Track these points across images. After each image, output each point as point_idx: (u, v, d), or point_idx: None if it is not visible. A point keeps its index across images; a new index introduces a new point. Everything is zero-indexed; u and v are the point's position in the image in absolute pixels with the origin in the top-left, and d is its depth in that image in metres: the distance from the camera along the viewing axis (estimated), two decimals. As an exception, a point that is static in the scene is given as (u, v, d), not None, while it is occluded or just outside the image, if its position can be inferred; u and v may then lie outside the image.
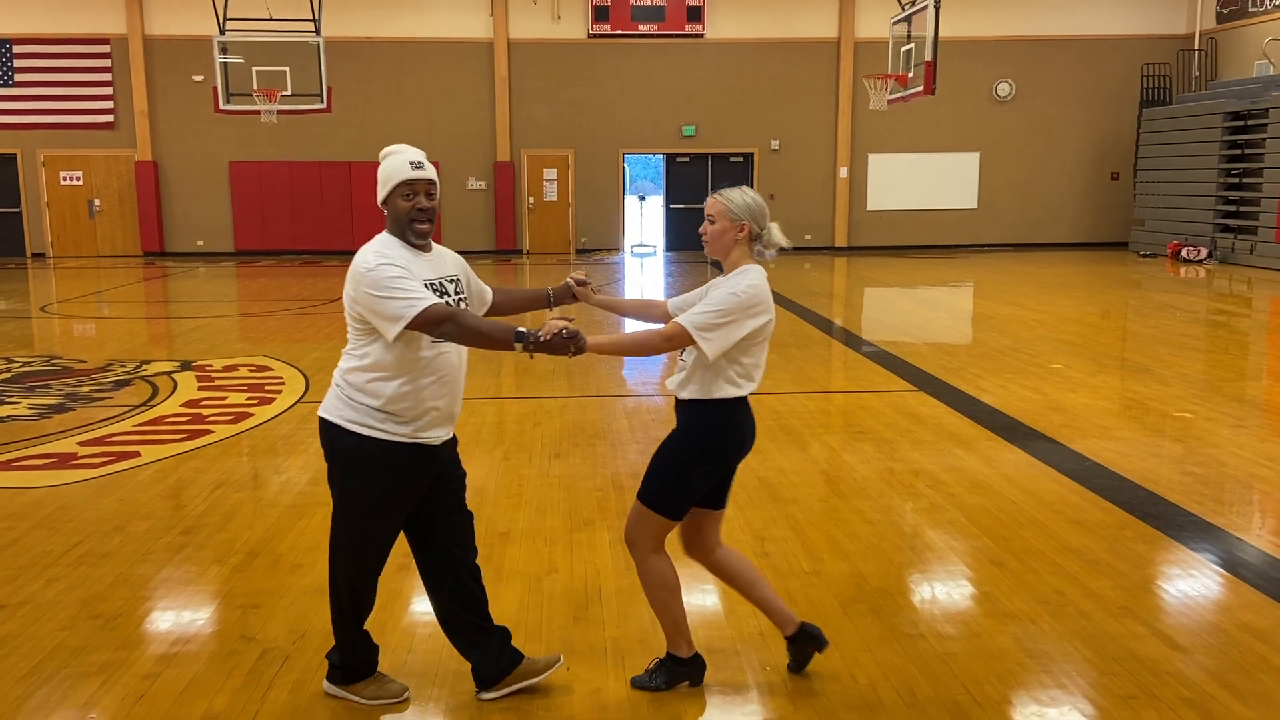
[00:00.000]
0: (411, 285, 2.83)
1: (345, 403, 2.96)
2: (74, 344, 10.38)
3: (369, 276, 2.83)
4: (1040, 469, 5.58)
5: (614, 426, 6.60)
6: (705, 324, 2.94)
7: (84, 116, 20.66)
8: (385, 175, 2.98)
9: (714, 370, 3.00)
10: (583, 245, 21.80)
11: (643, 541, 3.12)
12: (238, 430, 6.60)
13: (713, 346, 2.94)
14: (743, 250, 3.09)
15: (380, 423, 2.93)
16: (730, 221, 3.06)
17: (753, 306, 2.97)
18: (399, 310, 2.79)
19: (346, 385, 2.97)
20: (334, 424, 2.97)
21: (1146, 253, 19.75)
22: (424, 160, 3.01)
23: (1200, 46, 21.06)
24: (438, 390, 2.97)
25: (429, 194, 2.97)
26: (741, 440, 3.11)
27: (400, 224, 2.96)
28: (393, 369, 2.90)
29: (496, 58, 20.90)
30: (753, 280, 3.01)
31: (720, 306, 2.95)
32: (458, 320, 2.83)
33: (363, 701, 3.11)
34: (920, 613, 3.78)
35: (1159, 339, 9.90)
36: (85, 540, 4.55)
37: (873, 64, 19.77)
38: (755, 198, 3.10)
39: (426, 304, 2.81)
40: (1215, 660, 3.37)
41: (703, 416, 3.04)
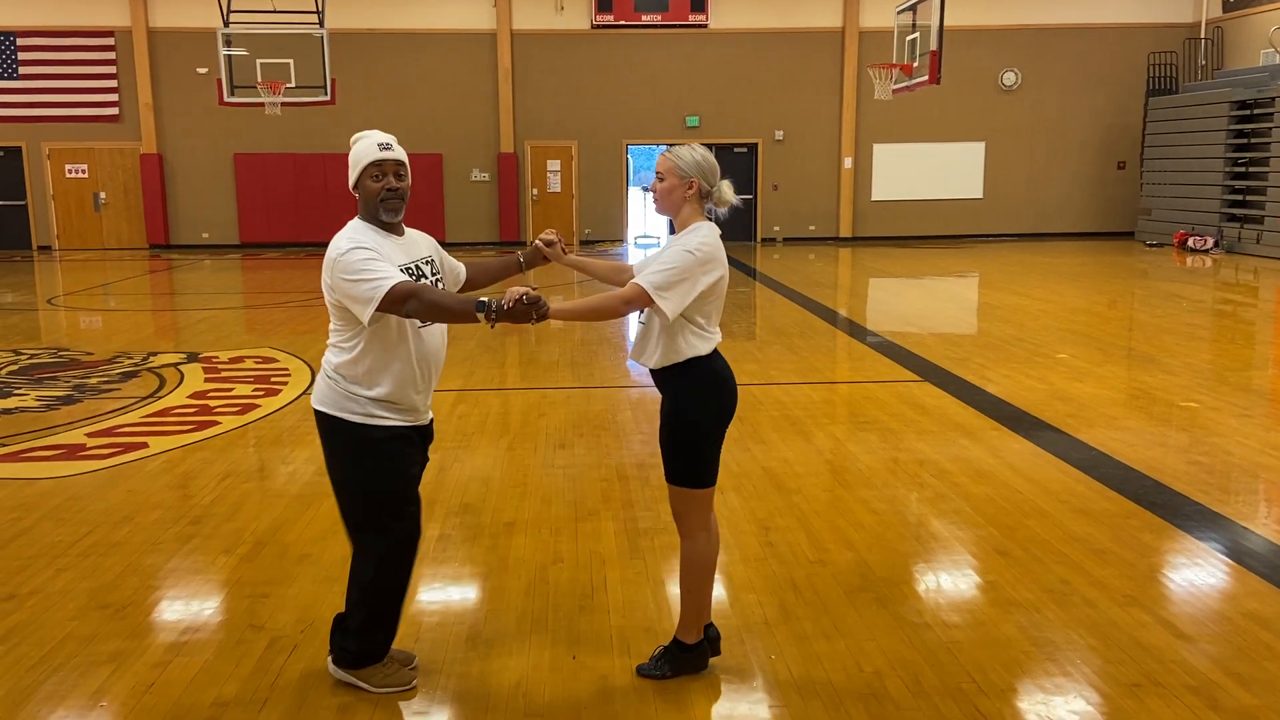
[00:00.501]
0: (380, 266, 2.85)
1: (343, 395, 2.98)
2: (81, 336, 10.41)
3: (341, 261, 2.87)
4: (1046, 459, 5.59)
5: (618, 417, 6.61)
6: (662, 283, 2.94)
7: (89, 109, 20.68)
8: (354, 159, 3.00)
9: (672, 332, 3.01)
10: (586, 236, 21.79)
11: (689, 516, 3.13)
12: (244, 421, 6.62)
13: (670, 305, 2.94)
14: (693, 208, 3.10)
15: (379, 410, 2.97)
16: (679, 179, 3.07)
17: (707, 263, 2.98)
18: (368, 292, 2.81)
19: (340, 379, 2.98)
20: (333, 417, 3.00)
21: (1153, 242, 19.69)
22: (393, 142, 3.03)
23: (1207, 35, 20.96)
24: (425, 372, 3.04)
25: (398, 174, 2.99)
26: (731, 387, 3.13)
27: (371, 206, 2.99)
28: (382, 357, 2.94)
29: (500, 49, 20.87)
30: (704, 237, 3.02)
31: (675, 264, 2.95)
32: (420, 296, 2.84)
33: (370, 688, 3.13)
34: (925, 601, 3.79)
35: (1165, 328, 9.89)
36: (94, 531, 4.58)
37: (877, 53, 19.72)
38: (705, 155, 3.11)
39: (391, 283, 2.81)
40: (1220, 648, 3.38)
41: (688, 380, 3.06)
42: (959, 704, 3.05)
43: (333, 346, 3.02)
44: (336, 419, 2.99)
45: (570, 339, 9.37)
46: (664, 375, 3.09)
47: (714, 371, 3.08)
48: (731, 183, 3.17)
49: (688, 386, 3.06)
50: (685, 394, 3.07)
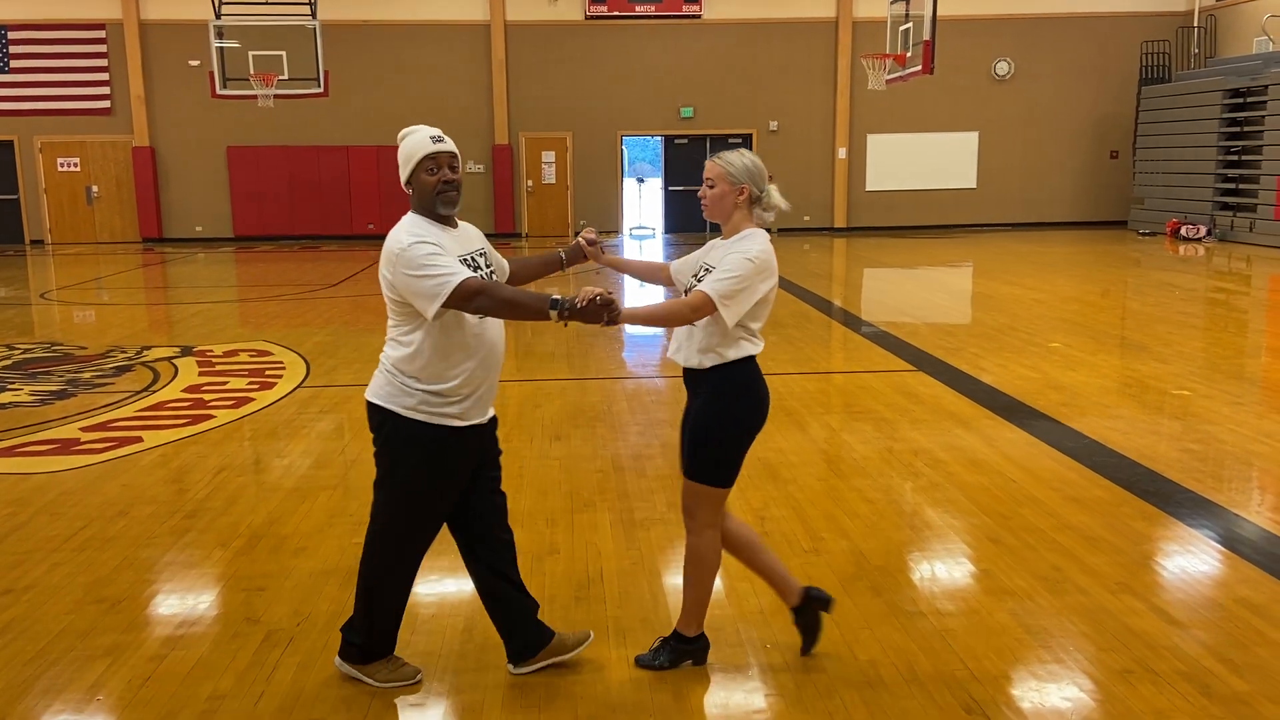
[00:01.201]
0: (445, 261, 2.82)
1: (400, 389, 2.94)
2: (74, 330, 10.39)
3: (404, 255, 2.83)
4: (1039, 447, 5.61)
5: (614, 408, 6.62)
6: (726, 291, 2.93)
7: (81, 102, 20.60)
8: (406, 154, 2.97)
9: (722, 335, 3.00)
10: (581, 228, 21.75)
11: (702, 514, 3.11)
12: (239, 415, 6.62)
13: (731, 314, 2.94)
14: (743, 213, 3.09)
15: (435, 407, 2.93)
16: (730, 185, 3.05)
17: (764, 270, 2.99)
18: (434, 288, 2.78)
19: (398, 372, 2.95)
20: (388, 410, 2.96)
21: (1146, 231, 19.72)
22: (443, 135, 3.01)
23: (1200, 23, 20.97)
24: (484, 368, 2.99)
25: (452, 166, 2.96)
26: (766, 396, 3.12)
27: (427, 200, 2.95)
28: (441, 352, 2.91)
29: (494, 40, 20.82)
30: (762, 245, 3.02)
31: (739, 273, 2.94)
32: (491, 293, 2.82)
33: (375, 684, 3.12)
34: (920, 590, 3.81)
35: (1158, 317, 9.91)
36: (89, 525, 4.58)
37: (871, 44, 19.69)
38: (754, 160, 3.09)
39: (460, 279, 2.79)
40: (1212, 635, 3.40)
41: (732, 379, 3.03)
42: (953, 691, 3.07)
43: (391, 341, 2.99)
44: (389, 412, 2.96)
45: (566, 331, 9.37)
46: (706, 375, 3.06)
47: (754, 376, 3.08)
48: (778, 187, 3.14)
49: (729, 388, 3.05)
50: (725, 395, 3.05)
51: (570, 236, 21.45)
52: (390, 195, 21.19)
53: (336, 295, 12.66)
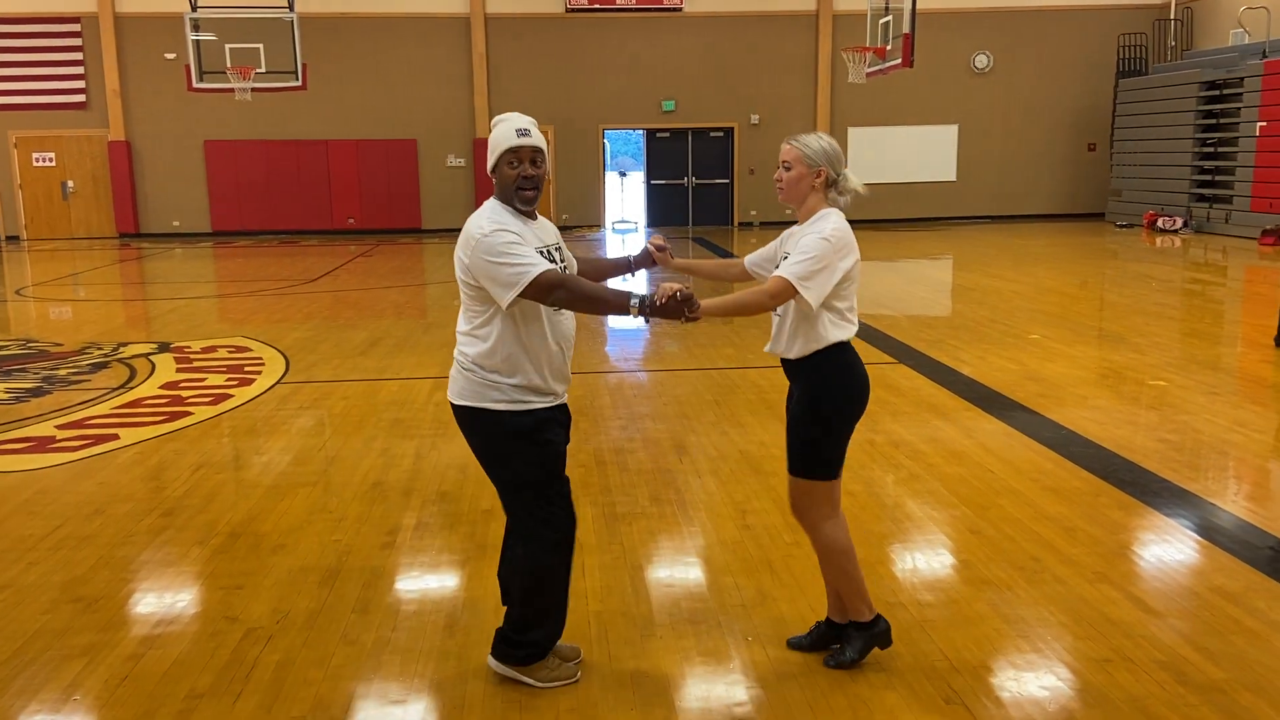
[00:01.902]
0: (525, 251, 2.81)
1: (485, 384, 2.92)
2: (50, 327, 10.29)
3: (485, 242, 2.81)
4: (1018, 438, 5.64)
5: (597, 403, 6.61)
6: (805, 273, 2.90)
7: (55, 97, 20.37)
8: (493, 143, 2.95)
9: (811, 320, 2.97)
10: (564, 222, 21.72)
11: (813, 510, 3.09)
12: (217, 412, 6.57)
13: (814, 294, 2.91)
14: (819, 196, 3.06)
15: (521, 395, 2.92)
16: (807, 167, 3.04)
17: (842, 248, 2.96)
18: (514, 276, 2.77)
19: (479, 370, 2.92)
20: (478, 409, 2.94)
21: (1123, 223, 19.86)
22: (531, 128, 2.96)
23: (1176, 16, 21.11)
24: (562, 352, 3.00)
25: (534, 161, 2.93)
26: (865, 380, 3.08)
27: (507, 192, 2.93)
28: (519, 342, 2.90)
29: (474, 33, 20.72)
30: (836, 224, 2.99)
31: (815, 253, 2.92)
32: (570, 286, 2.82)
33: (535, 684, 3.06)
34: (900, 581, 3.83)
35: (1135, 308, 9.99)
36: (65, 524, 4.53)
37: (851, 36, 19.73)
38: (831, 142, 3.08)
39: (540, 270, 2.78)
40: (1188, 623, 3.43)
41: (824, 367, 3.01)
42: (932, 682, 3.08)
43: (466, 337, 2.97)
44: (481, 410, 2.93)
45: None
46: (803, 365, 3.03)
47: (850, 360, 3.04)
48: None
49: (825, 375, 3.02)
50: (823, 382, 3.03)
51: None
52: (369, 189, 21.09)
53: (316, 290, 12.59)
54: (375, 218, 21.12)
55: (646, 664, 3.22)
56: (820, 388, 3.03)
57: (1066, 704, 2.96)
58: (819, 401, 3.03)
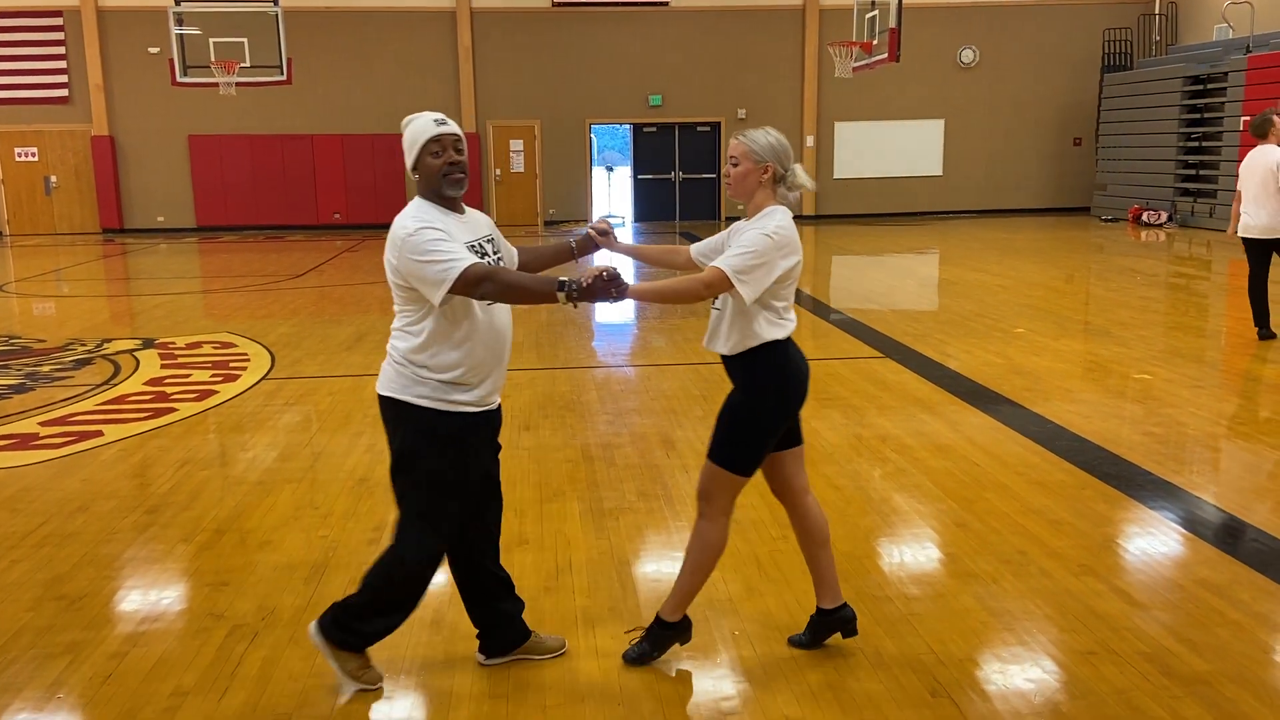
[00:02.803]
0: (451, 247, 2.79)
1: (413, 379, 2.89)
2: (33, 323, 10.21)
3: (410, 241, 2.80)
4: (1004, 432, 5.66)
5: (584, 398, 6.61)
6: (743, 266, 2.89)
7: (38, 91, 20.20)
8: (411, 139, 2.94)
9: (748, 317, 2.96)
10: (551, 217, 21.69)
11: (718, 498, 3.08)
12: (202, 408, 6.53)
13: (750, 290, 2.89)
14: (767, 192, 3.04)
15: (449, 394, 2.89)
16: (754, 163, 3.01)
17: (784, 246, 2.93)
18: (440, 273, 2.75)
19: (409, 363, 2.90)
20: (404, 402, 2.90)
21: (1108, 217, 19.95)
22: (446, 117, 2.97)
23: (1161, 11, 21.20)
24: (494, 356, 2.97)
25: (457, 148, 2.93)
26: (801, 378, 3.06)
27: (434, 182, 2.92)
28: (450, 338, 2.87)
29: (459, 27, 20.64)
30: (780, 221, 2.97)
31: (754, 247, 2.90)
32: (496, 278, 2.79)
33: (340, 673, 3.03)
34: (886, 575, 3.83)
35: (1120, 302, 10.03)
36: (49, 521, 4.50)
37: (838, 31, 19.74)
38: (779, 137, 3.05)
39: (466, 264, 2.76)
40: (1173, 615, 3.45)
41: (758, 364, 3.00)
42: (919, 674, 3.09)
43: (398, 332, 2.95)
44: (405, 404, 2.90)
45: (535, 320, 9.32)
46: (737, 362, 3.03)
47: (787, 359, 3.02)
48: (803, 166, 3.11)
49: (760, 374, 3.00)
50: (757, 382, 3.01)
51: (539, 226, 21.37)
52: (355, 184, 21.00)
53: (302, 286, 12.53)
54: (361, 212, 21.03)
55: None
56: (753, 387, 3.01)
57: (1052, 696, 2.97)
58: (752, 401, 3.01)
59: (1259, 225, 7.87)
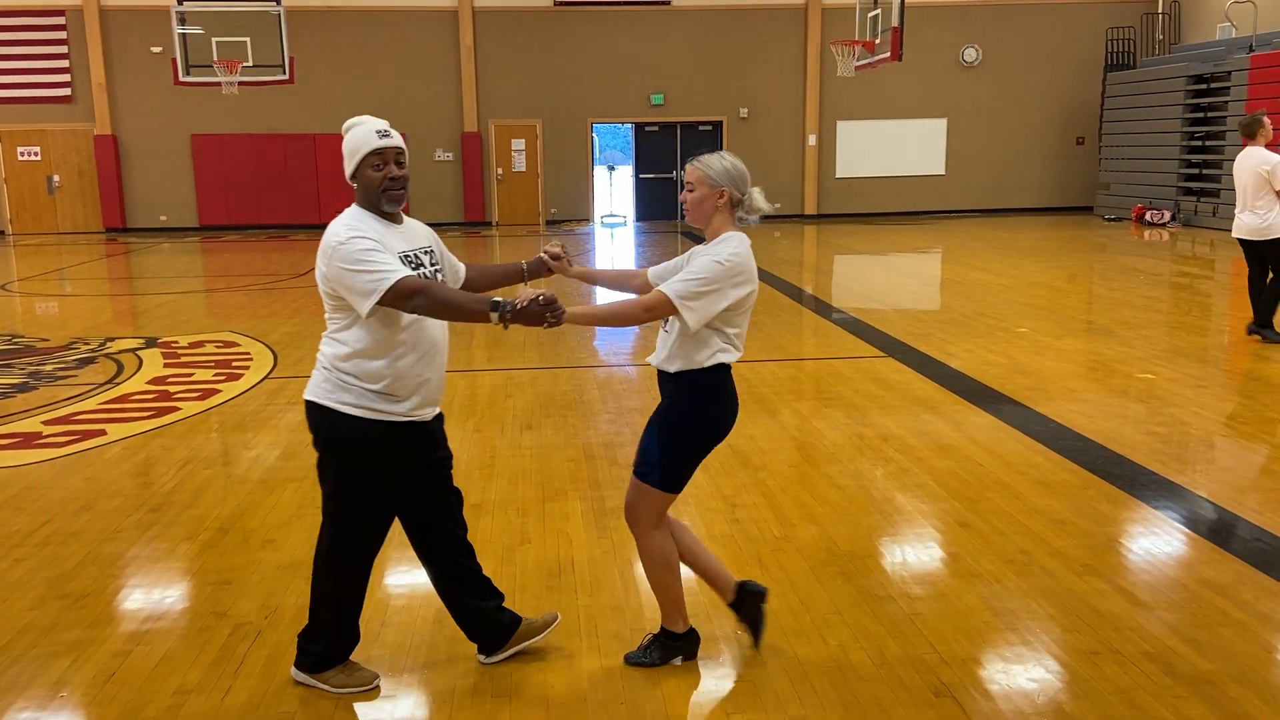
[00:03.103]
0: (383, 258, 2.75)
1: (338, 385, 2.87)
2: (36, 322, 10.22)
3: (340, 250, 2.76)
4: (1006, 431, 5.66)
5: (585, 397, 6.61)
6: (688, 293, 2.85)
7: (40, 90, 20.22)
8: (352, 147, 2.91)
9: (697, 341, 2.93)
10: (552, 216, 21.69)
11: (644, 518, 3.06)
12: (205, 407, 6.54)
13: (695, 316, 2.86)
14: (724, 217, 3.00)
15: (376, 403, 2.86)
16: (709, 188, 2.98)
17: (736, 275, 2.89)
18: (369, 284, 2.71)
19: (335, 370, 2.88)
20: (328, 408, 2.88)
21: (1111, 216, 19.93)
22: (390, 129, 2.95)
23: (1164, 10, 21.17)
24: (425, 364, 2.92)
25: (399, 162, 2.90)
26: (733, 407, 3.05)
27: (372, 195, 2.89)
28: (378, 348, 2.84)
29: (461, 26, 20.64)
30: (735, 248, 2.92)
31: (703, 275, 2.86)
32: (429, 293, 2.74)
33: (331, 690, 3.03)
34: (889, 575, 3.83)
35: (1123, 302, 10.02)
36: (52, 519, 4.51)
37: (840, 30, 19.73)
38: (735, 162, 3.02)
39: (397, 276, 2.72)
40: (1176, 615, 3.45)
41: (695, 385, 2.97)
42: (921, 674, 3.09)
43: (328, 338, 2.92)
44: (329, 410, 2.88)
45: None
46: (675, 379, 2.99)
47: (722, 384, 2.99)
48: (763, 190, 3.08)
49: (698, 396, 2.98)
50: (693, 403, 2.98)
51: (540, 225, 21.37)
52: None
53: (304, 285, 12.54)
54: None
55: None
56: (690, 402, 2.99)
57: (1055, 696, 2.97)
58: (686, 415, 2.99)
59: (1246, 226, 7.94)
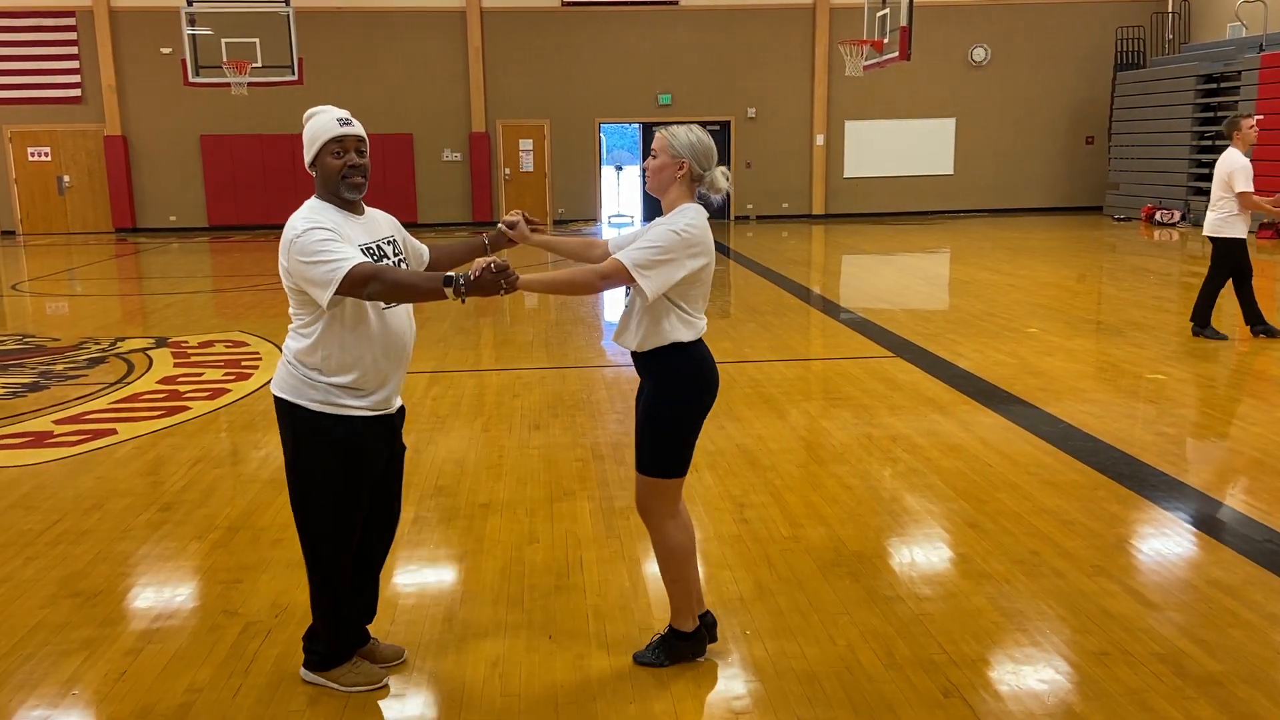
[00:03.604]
0: (338, 247, 2.74)
1: (304, 381, 2.86)
2: (47, 322, 10.27)
3: (298, 243, 2.76)
4: (1016, 432, 5.64)
5: (593, 397, 6.61)
6: (644, 260, 2.87)
7: (51, 91, 20.31)
8: (311, 135, 2.91)
9: (655, 315, 2.95)
10: (560, 216, 21.70)
11: (656, 509, 3.08)
12: (215, 406, 6.56)
13: (651, 284, 2.87)
14: (681, 189, 3.03)
15: (341, 398, 2.86)
16: (670, 157, 3.00)
17: (692, 246, 2.91)
18: (327, 274, 2.70)
19: (300, 365, 2.87)
20: (295, 404, 2.87)
21: (1121, 216, 19.86)
22: (350, 117, 2.94)
23: (1174, 9, 21.10)
24: (390, 360, 2.92)
25: (359, 150, 2.91)
26: (712, 379, 3.08)
27: (331, 184, 2.90)
28: (344, 342, 2.83)
29: (469, 27, 20.67)
30: (691, 219, 2.94)
31: (660, 243, 2.89)
32: (383, 277, 2.72)
33: (340, 689, 3.05)
34: (898, 575, 3.83)
35: (1133, 302, 9.99)
36: (63, 518, 4.53)
37: (848, 29, 19.71)
38: (701, 137, 3.03)
39: (351, 264, 2.70)
40: (1186, 616, 3.43)
41: (670, 366, 3.01)
42: (930, 675, 3.09)
43: (293, 333, 2.91)
44: (295, 406, 2.87)
45: (544, 319, 9.35)
46: (645, 360, 3.04)
47: (696, 360, 3.02)
48: (726, 170, 3.09)
49: (669, 374, 3.01)
50: (666, 382, 3.02)
51: (549, 226, 21.38)
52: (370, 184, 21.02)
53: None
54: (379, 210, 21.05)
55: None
56: (663, 387, 3.02)
57: (1065, 697, 2.96)
58: (662, 401, 3.02)
59: (1207, 222, 8.18)
